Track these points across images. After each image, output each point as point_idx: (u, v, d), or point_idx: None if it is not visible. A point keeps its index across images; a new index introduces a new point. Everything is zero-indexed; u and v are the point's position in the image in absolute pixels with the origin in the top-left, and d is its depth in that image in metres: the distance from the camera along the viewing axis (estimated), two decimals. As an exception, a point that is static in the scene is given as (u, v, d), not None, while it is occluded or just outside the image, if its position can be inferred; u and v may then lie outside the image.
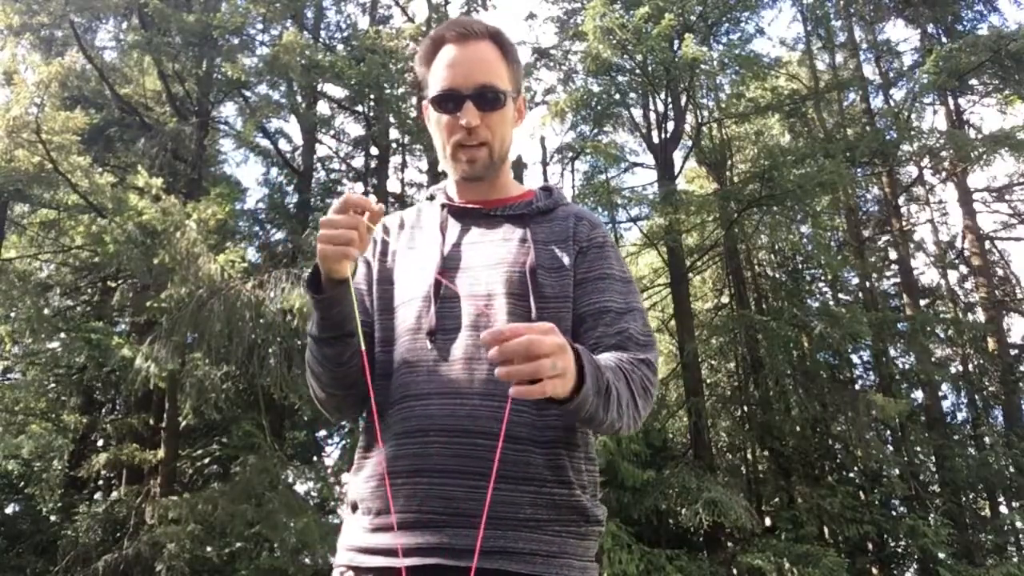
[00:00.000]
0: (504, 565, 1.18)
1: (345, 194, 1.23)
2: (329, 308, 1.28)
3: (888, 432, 16.48)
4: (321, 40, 15.29)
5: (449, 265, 1.37)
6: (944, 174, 17.76)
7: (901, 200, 18.18)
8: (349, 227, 1.20)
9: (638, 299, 1.42)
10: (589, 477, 1.33)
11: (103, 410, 15.00)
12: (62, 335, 12.65)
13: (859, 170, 16.49)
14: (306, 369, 1.40)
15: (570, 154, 17.16)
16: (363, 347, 1.25)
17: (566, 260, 1.38)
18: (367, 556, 1.26)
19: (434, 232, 1.44)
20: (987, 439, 15.84)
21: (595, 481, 1.34)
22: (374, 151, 16.16)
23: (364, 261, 1.48)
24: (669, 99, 15.75)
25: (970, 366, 17.58)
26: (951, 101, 17.62)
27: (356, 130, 16.63)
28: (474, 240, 1.41)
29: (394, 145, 16.31)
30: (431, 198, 1.54)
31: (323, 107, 16.09)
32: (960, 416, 17.51)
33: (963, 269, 18.45)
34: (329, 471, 12.87)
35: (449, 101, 1.38)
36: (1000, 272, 18.49)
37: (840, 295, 18.07)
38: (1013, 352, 17.13)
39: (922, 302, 17.58)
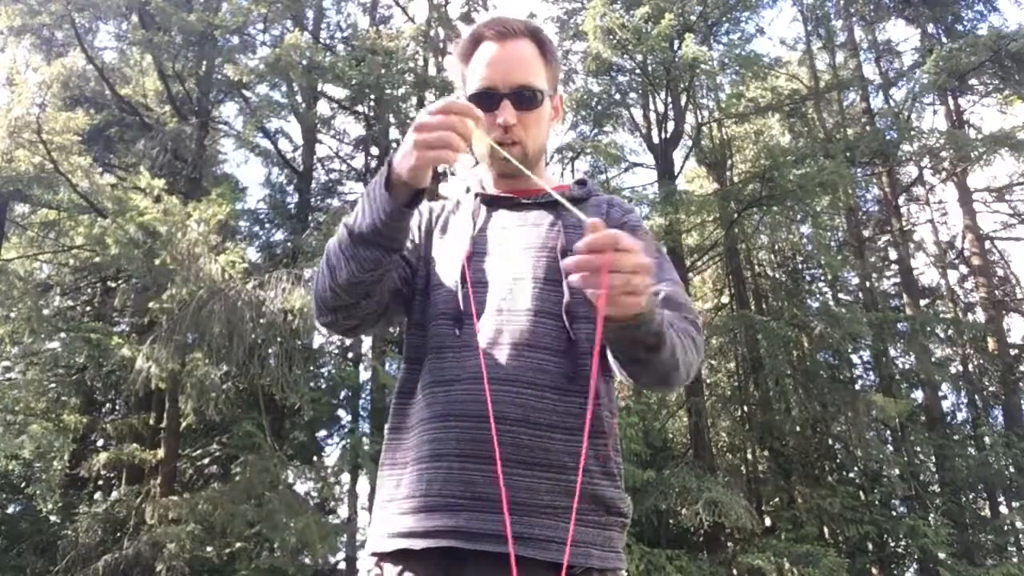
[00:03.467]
0: (518, 551, 1.16)
1: (447, 100, 1.17)
2: (401, 217, 1.21)
3: (888, 432, 16.47)
4: (321, 40, 15.29)
5: (478, 250, 1.38)
6: (944, 174, 17.76)
7: (901, 200, 18.18)
8: (447, 128, 1.13)
9: (674, 274, 1.41)
10: (615, 467, 1.31)
11: (103, 410, 14.99)
12: (62, 335, 12.65)
13: (859, 170, 16.49)
14: (323, 260, 1.30)
15: (570, 154, 17.15)
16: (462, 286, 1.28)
17: None
18: (389, 540, 1.26)
19: (467, 219, 1.45)
20: (987, 439, 15.82)
21: (620, 472, 1.32)
22: (374, 151, 16.16)
23: (416, 225, 1.46)
24: (669, 99, 15.75)
25: (970, 366, 17.58)
26: (951, 101, 17.62)
27: (356, 130, 16.62)
28: (504, 225, 1.42)
29: (394, 145, 16.30)
30: (468, 190, 1.54)
31: (323, 107, 16.11)
32: (960, 416, 17.53)
33: (963, 269, 18.46)
34: (329, 471, 12.87)
35: (487, 99, 1.38)
36: (1000, 272, 18.48)
37: (840, 295, 18.06)
38: (1013, 352, 17.13)
39: (922, 302, 17.58)
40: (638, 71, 14.94)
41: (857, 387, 16.72)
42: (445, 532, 1.20)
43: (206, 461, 13.47)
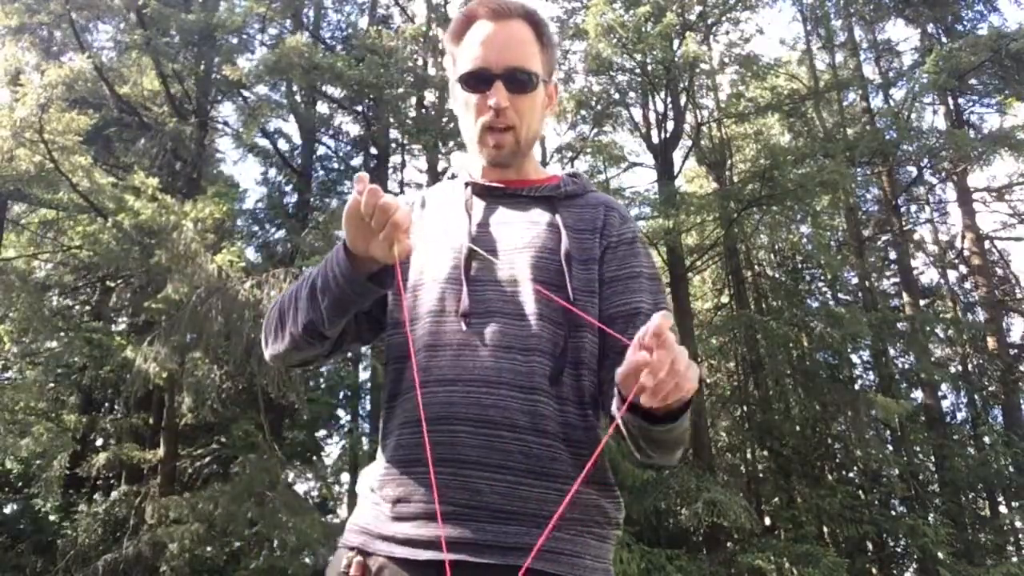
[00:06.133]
0: (528, 562, 1.10)
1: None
2: (371, 293, 1.21)
3: (888, 432, 16.48)
4: (321, 40, 15.28)
5: (478, 246, 1.30)
6: (944, 174, 17.76)
7: (901, 200, 18.17)
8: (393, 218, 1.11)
9: (664, 297, 1.37)
10: (610, 476, 1.28)
11: (103, 410, 14.98)
12: (62, 335, 12.64)
13: (859, 170, 16.49)
14: (282, 302, 1.37)
15: (570, 154, 17.14)
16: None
17: (595, 252, 1.32)
18: (384, 543, 1.19)
19: (459, 211, 1.36)
20: (987, 439, 15.84)
21: (613, 482, 1.29)
22: (373, 151, 16.16)
23: None
24: (669, 99, 15.74)
25: (970, 366, 17.59)
26: (951, 101, 17.62)
27: (355, 130, 16.63)
28: (501, 220, 1.34)
29: (393, 145, 16.32)
30: (453, 177, 1.46)
31: (322, 107, 16.09)
32: (960, 416, 17.53)
33: (963, 269, 18.46)
34: (328, 471, 12.87)
35: (478, 80, 1.31)
36: (1000, 272, 18.49)
37: (840, 295, 18.06)
38: (1013, 352, 17.14)
39: (922, 302, 17.58)
40: (638, 71, 14.94)
41: (857, 387, 16.71)
42: (452, 544, 1.12)
43: (206, 460, 13.46)
